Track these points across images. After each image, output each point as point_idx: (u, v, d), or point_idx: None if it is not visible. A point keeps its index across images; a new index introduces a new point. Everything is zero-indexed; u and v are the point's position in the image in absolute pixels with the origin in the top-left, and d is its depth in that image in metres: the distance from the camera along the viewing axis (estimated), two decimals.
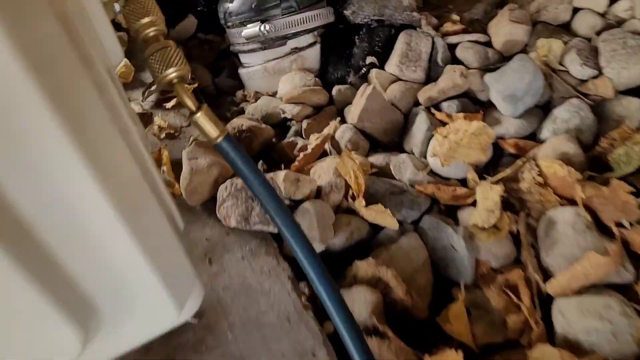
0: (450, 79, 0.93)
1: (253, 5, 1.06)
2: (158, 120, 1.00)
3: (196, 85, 1.18)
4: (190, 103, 0.62)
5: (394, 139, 0.98)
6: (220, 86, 1.26)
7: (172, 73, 0.61)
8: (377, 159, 0.95)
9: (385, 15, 1.03)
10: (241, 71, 1.18)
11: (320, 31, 1.12)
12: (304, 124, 1.04)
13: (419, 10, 1.07)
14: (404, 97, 0.99)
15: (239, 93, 1.21)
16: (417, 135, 0.93)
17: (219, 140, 0.63)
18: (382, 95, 0.98)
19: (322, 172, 0.90)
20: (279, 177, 0.84)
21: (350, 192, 0.85)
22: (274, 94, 1.14)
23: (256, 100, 1.14)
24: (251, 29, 1.08)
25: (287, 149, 0.99)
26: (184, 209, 0.87)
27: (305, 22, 1.07)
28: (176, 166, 0.93)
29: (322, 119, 1.05)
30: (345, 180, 0.87)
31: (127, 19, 0.63)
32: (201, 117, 0.62)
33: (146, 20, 0.62)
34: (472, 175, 0.86)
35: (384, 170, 0.92)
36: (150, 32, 0.62)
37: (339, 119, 1.01)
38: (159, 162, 0.93)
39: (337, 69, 1.08)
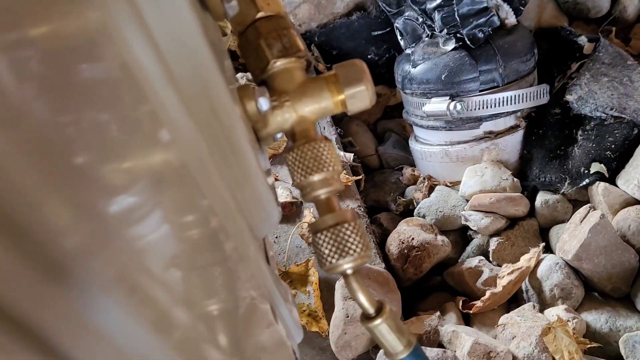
0: None
1: (443, 76, 0.88)
2: (309, 215, 0.86)
3: (359, 162, 1.03)
4: (367, 304, 0.46)
5: (620, 288, 0.76)
6: (384, 157, 1.10)
7: (346, 263, 0.45)
8: (597, 319, 0.73)
9: (628, 109, 0.80)
10: (414, 147, 1.01)
11: (525, 111, 0.91)
12: (493, 242, 0.84)
13: None
14: None
15: (407, 171, 1.04)
16: None
17: (404, 356, 0.47)
18: (612, 227, 0.75)
19: (518, 333, 0.70)
20: (462, 347, 0.66)
21: None
22: (453, 185, 0.95)
23: (429, 190, 0.97)
24: (436, 104, 0.90)
25: (468, 278, 0.80)
26: (325, 357, 0.72)
27: (508, 102, 0.88)
28: (325, 289, 0.78)
29: (518, 237, 0.85)
30: (552, 357, 0.66)
31: (292, 169, 0.48)
32: (383, 325, 0.46)
33: (317, 177, 0.46)
34: None
35: (607, 343, 0.70)
36: (322, 194, 0.47)
37: (542, 245, 0.80)
38: (304, 280, 0.79)
39: (546, 170, 0.87)
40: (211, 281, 0.39)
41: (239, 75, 1.07)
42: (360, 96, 0.47)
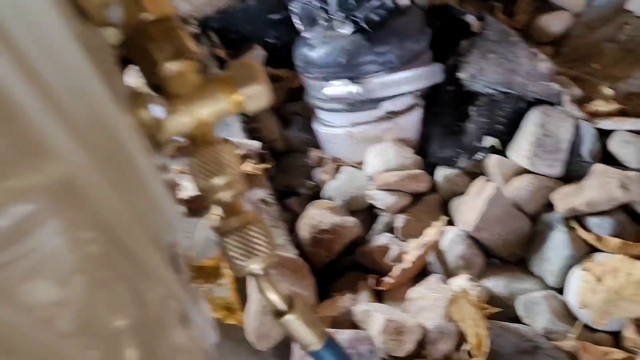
0: (605, 189, 0.75)
1: (343, 60, 0.89)
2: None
3: (267, 148, 1.03)
4: (278, 301, 0.47)
5: (515, 253, 0.82)
6: (290, 141, 1.10)
7: (255, 264, 0.46)
8: (497, 284, 0.79)
9: (515, 85, 0.85)
10: (319, 129, 1.03)
11: (422, 91, 0.94)
12: (399, 219, 0.88)
13: (559, 76, 0.88)
14: (534, 197, 0.82)
15: (314, 154, 1.05)
16: (553, 260, 0.76)
17: (317, 348, 0.48)
18: (506, 198, 0.81)
19: (427, 305, 0.74)
20: (374, 325, 0.69)
21: (467, 346, 0.69)
22: (359, 165, 0.97)
23: (336, 171, 0.98)
24: (337, 87, 0.92)
25: (378, 257, 0.84)
26: (244, 347, 0.74)
27: (405, 83, 0.91)
28: (241, 279, 0.79)
29: (423, 212, 0.89)
30: (458, 326, 0.71)
31: (194, 173, 0.48)
32: (295, 321, 0.47)
33: (220, 180, 0.46)
34: (631, 335, 0.68)
35: (507, 306, 0.76)
36: (224, 196, 0.47)
37: (445, 219, 0.84)
38: (216, 273, 0.79)
39: (444, 146, 0.91)
40: (114, 298, 0.38)
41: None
42: (256, 96, 0.46)
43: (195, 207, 0.88)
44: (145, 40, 0.46)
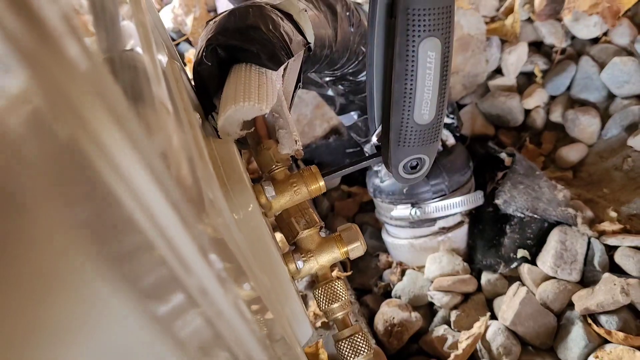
0: (610, 293, 0.96)
1: (404, 190, 1.15)
2: (313, 305, 1.11)
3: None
4: None
5: (546, 343, 1.02)
6: None
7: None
8: None
9: (539, 210, 1.09)
10: (386, 239, 1.28)
11: (467, 211, 1.19)
12: (453, 314, 1.10)
13: (575, 200, 1.11)
14: (558, 298, 1.03)
15: (383, 257, 1.30)
16: (573, 349, 0.97)
17: None
18: (536, 299, 1.03)
19: None
20: None
21: None
22: (420, 269, 1.22)
23: (402, 274, 1.23)
24: (401, 211, 1.17)
25: (437, 344, 1.06)
26: None
27: (454, 206, 1.15)
28: None
29: (471, 309, 1.11)
30: None
31: (317, 300, 0.73)
32: None
33: (336, 305, 0.71)
34: None
35: None
36: (339, 315, 0.72)
37: (489, 314, 1.07)
38: (315, 358, 1.03)
39: (486, 256, 1.14)
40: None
41: None
42: (357, 249, 0.72)
43: None
44: (288, 215, 0.73)
